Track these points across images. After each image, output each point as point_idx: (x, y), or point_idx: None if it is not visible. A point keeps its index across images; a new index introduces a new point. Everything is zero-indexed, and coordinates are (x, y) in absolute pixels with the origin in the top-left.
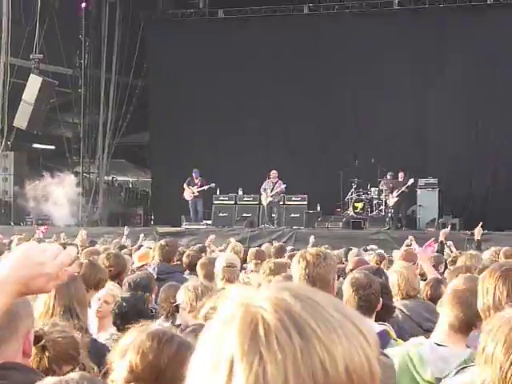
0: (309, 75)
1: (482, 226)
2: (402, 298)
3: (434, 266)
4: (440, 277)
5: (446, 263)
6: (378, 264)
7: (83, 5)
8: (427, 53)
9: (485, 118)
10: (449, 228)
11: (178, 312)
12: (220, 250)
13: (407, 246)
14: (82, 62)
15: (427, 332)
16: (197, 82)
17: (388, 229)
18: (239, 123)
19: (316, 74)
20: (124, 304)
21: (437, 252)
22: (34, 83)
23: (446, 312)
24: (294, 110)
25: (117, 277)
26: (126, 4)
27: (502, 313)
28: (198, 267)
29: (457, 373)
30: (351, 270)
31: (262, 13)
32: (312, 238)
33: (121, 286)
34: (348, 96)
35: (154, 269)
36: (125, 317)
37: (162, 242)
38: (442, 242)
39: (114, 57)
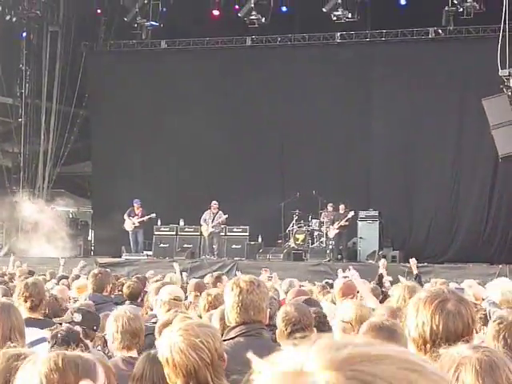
0: (251, 106)
1: (416, 260)
2: None
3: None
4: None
5: (385, 295)
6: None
7: (24, 34)
8: (370, 85)
9: (428, 152)
10: (384, 260)
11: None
12: (156, 280)
13: (344, 277)
14: (23, 91)
15: None
16: (138, 112)
17: (329, 261)
18: (181, 154)
19: (258, 105)
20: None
21: (376, 284)
22: None
23: None
24: (237, 142)
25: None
26: (68, 34)
27: (452, 351)
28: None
29: None
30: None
31: (204, 44)
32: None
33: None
34: (292, 128)
35: (85, 299)
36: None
37: (95, 271)
38: (381, 274)
39: (55, 86)
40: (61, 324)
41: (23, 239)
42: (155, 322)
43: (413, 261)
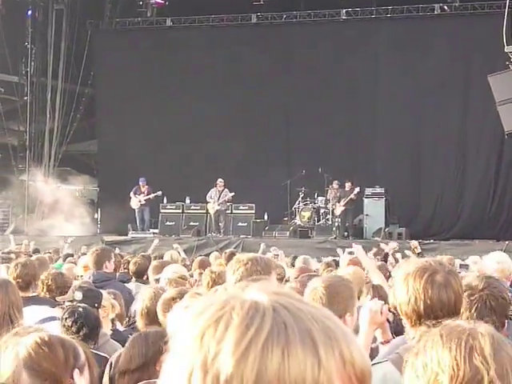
0: (256, 84)
1: (420, 236)
2: None
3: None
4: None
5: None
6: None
7: (30, 12)
8: (375, 62)
9: (433, 128)
10: (396, 243)
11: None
12: (156, 257)
13: (349, 253)
14: (28, 69)
15: None
16: (144, 90)
17: (335, 238)
18: (186, 132)
19: (263, 83)
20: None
21: (381, 261)
22: None
23: None
24: (242, 119)
25: (27, 287)
26: (73, 12)
27: (455, 323)
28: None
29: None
30: (296, 278)
31: (209, 21)
32: (263, 246)
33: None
34: (297, 106)
35: (89, 277)
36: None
37: (93, 248)
38: (387, 253)
39: (61, 64)
40: (64, 302)
41: (34, 217)
42: None
43: (413, 243)
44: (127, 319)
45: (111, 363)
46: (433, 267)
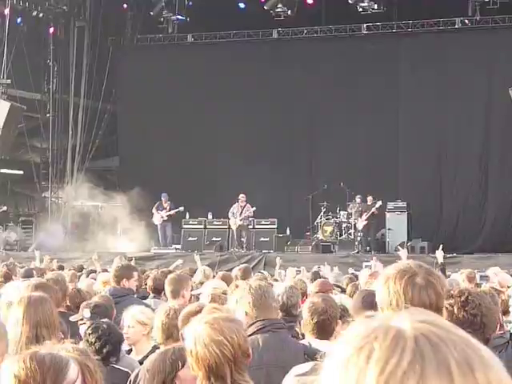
0: (278, 99)
1: (443, 249)
2: None
3: None
4: None
5: None
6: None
7: (51, 30)
8: (397, 76)
9: (455, 142)
10: (405, 250)
11: None
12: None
13: (366, 266)
14: (50, 86)
15: None
16: (165, 106)
17: (357, 252)
18: (209, 148)
19: (285, 98)
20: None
21: None
22: (1, 108)
23: None
24: (264, 134)
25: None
26: (95, 29)
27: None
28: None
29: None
30: (316, 293)
31: (231, 37)
32: (279, 260)
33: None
34: (319, 120)
35: (106, 292)
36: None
37: (116, 265)
38: None
39: (83, 81)
40: (77, 322)
41: (60, 234)
42: None
43: (439, 251)
44: None
45: (130, 381)
46: (413, 270)
